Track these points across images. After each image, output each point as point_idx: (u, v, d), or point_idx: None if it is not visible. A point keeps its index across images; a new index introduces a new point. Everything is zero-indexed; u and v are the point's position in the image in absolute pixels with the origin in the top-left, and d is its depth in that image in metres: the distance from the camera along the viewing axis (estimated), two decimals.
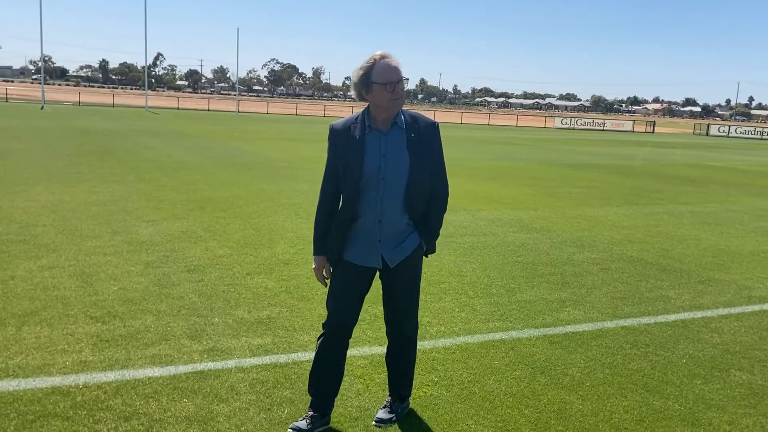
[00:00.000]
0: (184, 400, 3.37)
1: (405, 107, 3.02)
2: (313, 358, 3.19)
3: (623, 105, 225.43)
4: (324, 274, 3.08)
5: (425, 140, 2.91)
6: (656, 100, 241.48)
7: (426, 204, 2.99)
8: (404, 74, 2.88)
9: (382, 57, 2.81)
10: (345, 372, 3.77)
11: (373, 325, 4.58)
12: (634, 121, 71.09)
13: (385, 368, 3.89)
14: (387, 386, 3.49)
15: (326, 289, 3.17)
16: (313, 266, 3.09)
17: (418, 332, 4.48)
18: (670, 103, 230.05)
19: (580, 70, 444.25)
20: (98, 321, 4.40)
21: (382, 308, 4.96)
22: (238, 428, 3.12)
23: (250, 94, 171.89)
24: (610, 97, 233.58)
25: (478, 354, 4.18)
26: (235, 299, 5.02)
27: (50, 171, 11.78)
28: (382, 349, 4.17)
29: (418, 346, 4.23)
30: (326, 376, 3.15)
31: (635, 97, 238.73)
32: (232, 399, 3.40)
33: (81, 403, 3.27)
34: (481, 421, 3.30)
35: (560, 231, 8.46)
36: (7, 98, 53.94)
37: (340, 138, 2.92)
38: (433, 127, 2.97)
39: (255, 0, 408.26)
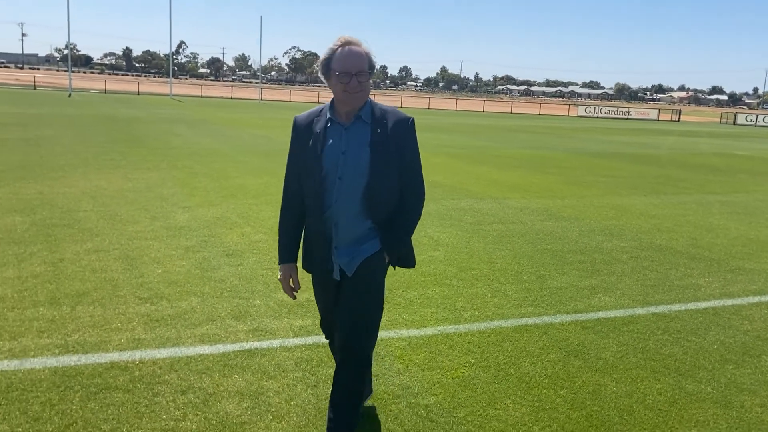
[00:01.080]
0: (235, 375, 3.55)
1: (427, 95, 2.77)
2: None
3: (648, 93, 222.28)
4: (291, 284, 2.78)
5: (394, 137, 2.57)
6: (682, 88, 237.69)
7: (394, 208, 2.65)
8: (374, 63, 2.54)
9: (347, 43, 2.49)
10: (385, 353, 3.94)
11: (408, 309, 4.72)
12: (659, 109, 70.16)
13: (421, 350, 4.04)
14: (417, 369, 3.62)
15: None
16: (279, 276, 2.81)
17: (452, 317, 4.63)
18: (696, 91, 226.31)
19: (604, 58, 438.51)
20: (147, 302, 4.60)
21: (415, 293, 5.12)
22: (287, 403, 3.28)
23: (270, 82, 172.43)
24: (634, 85, 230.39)
25: (512, 338, 4.31)
26: (274, 283, 5.20)
27: (85, 158, 12.07)
28: (419, 332, 4.33)
29: (452, 330, 4.38)
30: None
31: (660, 85, 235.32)
32: (280, 376, 3.57)
33: (139, 377, 3.46)
34: (518, 401, 3.43)
35: (588, 219, 8.52)
36: (35, 86, 54.85)
37: (301, 132, 2.64)
38: (406, 123, 2.61)
39: None
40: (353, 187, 2.54)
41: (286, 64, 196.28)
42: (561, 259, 6.39)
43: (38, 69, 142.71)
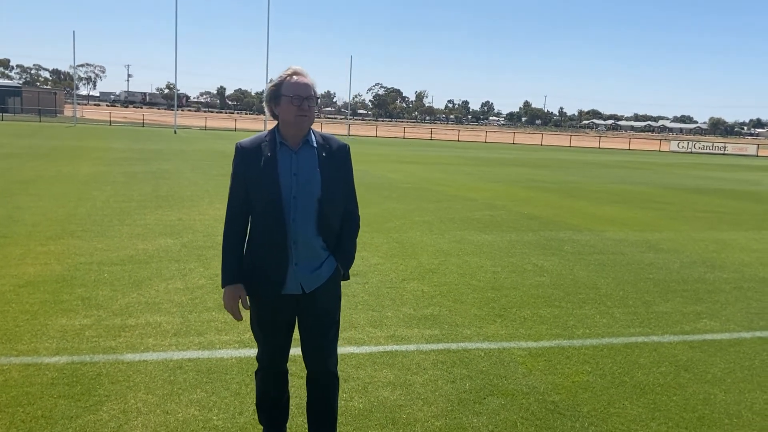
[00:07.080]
0: (384, 370, 4.19)
1: (510, 130, 3.13)
2: (255, 393, 3.18)
3: (745, 128, 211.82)
4: (241, 305, 2.83)
5: (336, 161, 2.83)
6: None
7: (339, 227, 2.89)
8: (317, 93, 2.80)
9: (295, 72, 2.74)
10: (509, 359, 4.48)
11: (524, 325, 5.24)
12: (758, 144, 67.02)
13: (541, 359, 4.52)
14: (540, 373, 4.12)
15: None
16: (225, 300, 2.83)
17: (565, 333, 5.10)
18: None
19: (696, 91, 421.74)
20: None
21: (528, 312, 5.58)
22: (433, 393, 3.89)
23: (355, 117, 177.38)
24: (729, 119, 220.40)
25: (623, 352, 4.74)
26: (399, 299, 5.85)
27: (206, 189, 13.34)
28: (536, 344, 4.83)
29: (566, 344, 4.87)
30: (272, 409, 3.13)
31: (758, 120, 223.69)
32: (422, 372, 4.19)
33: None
34: (635, 402, 3.89)
35: (689, 252, 8.72)
36: (143, 123, 59.32)
37: (249, 156, 2.76)
38: (345, 148, 2.88)
39: (365, 28, 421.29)
40: (308, 206, 2.73)
41: (370, 101, 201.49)
42: (664, 287, 6.72)
43: (141, 107, 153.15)
